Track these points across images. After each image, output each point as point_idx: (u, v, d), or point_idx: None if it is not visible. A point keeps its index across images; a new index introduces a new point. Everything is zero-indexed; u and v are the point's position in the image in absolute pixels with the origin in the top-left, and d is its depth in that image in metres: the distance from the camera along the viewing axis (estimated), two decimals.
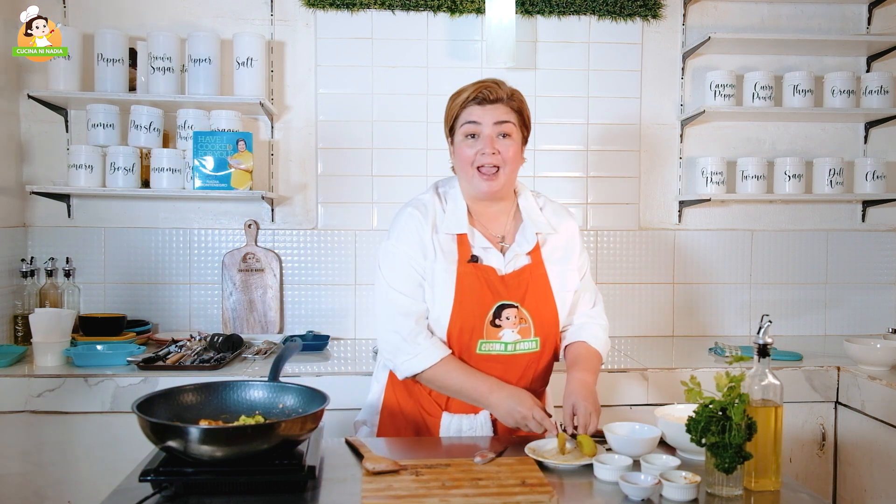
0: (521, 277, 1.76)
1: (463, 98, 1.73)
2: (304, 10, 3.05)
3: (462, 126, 1.73)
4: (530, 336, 1.74)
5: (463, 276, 1.72)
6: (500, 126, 1.72)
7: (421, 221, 1.76)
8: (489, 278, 1.73)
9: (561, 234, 1.84)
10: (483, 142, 1.71)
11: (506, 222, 1.82)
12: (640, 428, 1.66)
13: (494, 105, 1.71)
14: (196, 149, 2.78)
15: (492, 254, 1.76)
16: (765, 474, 1.48)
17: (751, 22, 3.20)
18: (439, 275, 1.73)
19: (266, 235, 3.09)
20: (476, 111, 1.71)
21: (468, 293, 1.71)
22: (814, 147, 3.25)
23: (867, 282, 3.28)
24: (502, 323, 1.72)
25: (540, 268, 1.78)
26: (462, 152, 1.74)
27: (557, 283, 1.79)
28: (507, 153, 1.73)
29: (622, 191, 3.20)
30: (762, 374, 1.51)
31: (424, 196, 1.83)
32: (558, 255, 1.82)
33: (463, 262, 1.73)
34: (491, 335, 1.72)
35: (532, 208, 1.85)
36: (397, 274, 1.76)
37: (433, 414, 1.79)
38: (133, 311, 3.00)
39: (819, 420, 2.60)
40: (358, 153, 3.09)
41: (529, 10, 3.09)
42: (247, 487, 1.38)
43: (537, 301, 1.76)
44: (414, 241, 1.75)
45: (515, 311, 1.73)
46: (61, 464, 2.38)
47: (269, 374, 1.69)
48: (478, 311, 1.71)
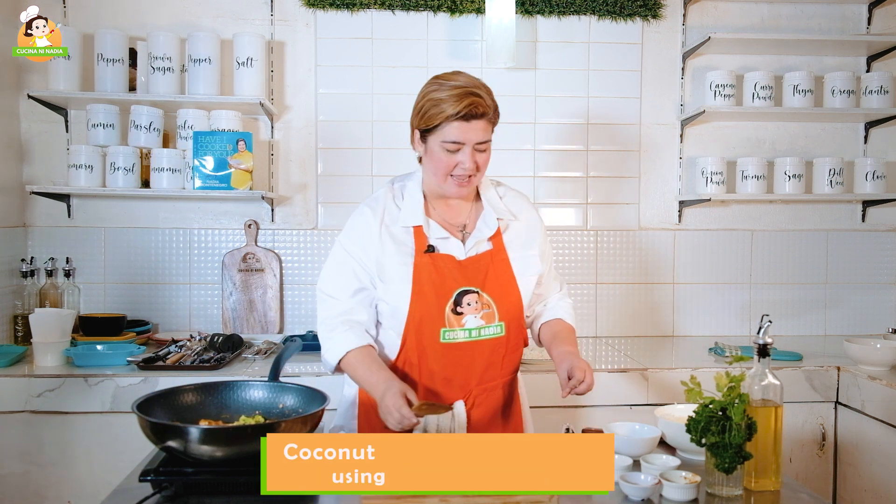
0: (480, 263, 1.76)
1: (449, 112, 1.66)
2: (304, 10, 3.05)
3: (443, 142, 1.70)
4: (494, 321, 1.75)
5: (420, 266, 1.73)
6: (480, 144, 1.71)
7: (369, 218, 1.78)
8: (447, 266, 1.74)
9: (522, 221, 1.86)
10: (464, 156, 1.69)
11: (466, 211, 1.84)
12: (640, 428, 1.67)
13: (479, 122, 1.68)
14: (196, 149, 2.78)
15: (450, 242, 1.77)
16: (765, 474, 1.48)
17: (751, 22, 3.20)
18: (392, 268, 1.74)
19: (266, 235, 3.09)
20: (459, 130, 1.67)
21: (426, 283, 1.72)
22: (814, 147, 3.25)
23: (867, 282, 3.28)
24: (464, 310, 1.72)
25: (501, 253, 1.79)
26: (439, 160, 1.71)
27: (520, 268, 1.80)
28: (483, 164, 1.74)
29: (622, 191, 3.20)
30: (762, 374, 1.51)
31: (378, 192, 1.87)
32: (520, 241, 1.83)
33: (420, 252, 1.74)
34: (453, 323, 1.72)
35: (492, 196, 1.86)
36: (332, 274, 1.81)
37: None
38: (133, 311, 3.00)
39: (819, 420, 2.60)
40: (358, 153, 3.09)
41: (529, 10, 3.09)
42: (247, 487, 1.38)
43: (500, 285, 1.77)
44: (360, 238, 1.77)
45: (476, 296, 1.74)
46: (61, 464, 2.38)
47: (269, 374, 1.69)
48: (436, 301, 1.72)
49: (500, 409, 1.81)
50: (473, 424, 1.75)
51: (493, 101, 1.72)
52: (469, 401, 1.74)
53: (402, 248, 1.75)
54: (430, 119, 1.71)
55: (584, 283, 3.18)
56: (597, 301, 3.19)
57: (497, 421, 1.79)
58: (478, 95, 1.67)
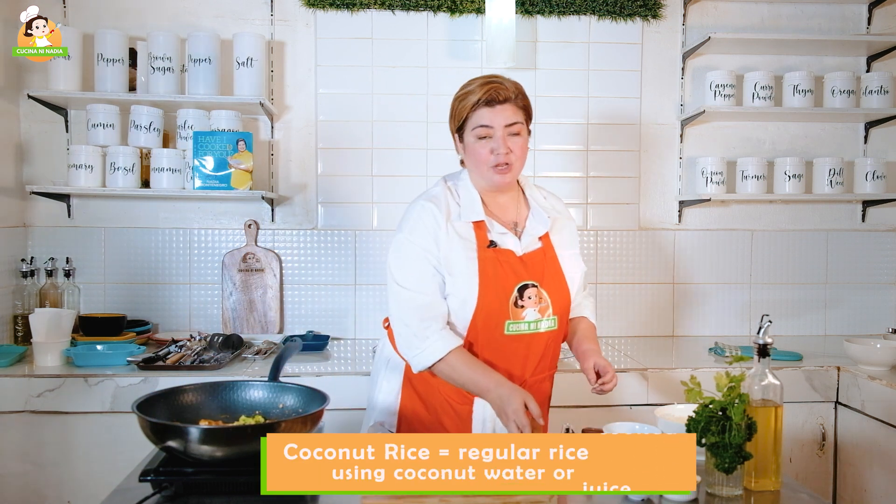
0: (536, 259, 1.83)
1: (472, 101, 1.76)
2: (304, 10, 3.05)
3: (474, 129, 1.78)
4: (549, 315, 1.81)
5: (484, 260, 1.77)
6: (510, 127, 1.77)
7: (435, 212, 1.79)
8: (509, 261, 1.79)
9: (563, 220, 1.94)
10: (496, 142, 1.76)
11: (516, 211, 1.89)
12: (640, 428, 1.66)
13: (504, 106, 1.76)
14: (196, 149, 2.78)
15: (508, 238, 1.82)
16: (765, 474, 1.48)
17: (751, 22, 3.20)
18: (459, 262, 1.77)
19: (266, 235, 3.09)
20: (486, 115, 1.76)
21: (491, 277, 1.76)
22: (814, 147, 3.25)
23: (867, 282, 3.28)
24: (525, 303, 1.78)
25: (551, 251, 1.86)
26: (476, 152, 1.79)
27: (567, 266, 1.88)
28: (518, 150, 1.79)
29: (622, 191, 3.20)
30: (762, 374, 1.51)
31: (435, 189, 1.88)
32: (565, 240, 1.91)
33: (482, 247, 1.79)
34: (516, 316, 1.77)
35: (538, 196, 1.94)
36: (406, 268, 1.79)
37: (464, 402, 1.81)
38: (133, 311, 3.00)
39: (819, 420, 2.60)
40: (358, 153, 3.10)
41: (529, 10, 3.09)
42: (247, 487, 1.38)
43: (554, 281, 1.83)
44: (428, 232, 1.78)
45: (536, 290, 1.80)
46: (61, 464, 2.38)
47: (269, 374, 1.69)
48: (502, 293, 1.76)
49: (547, 402, 1.90)
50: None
51: (517, 88, 1.80)
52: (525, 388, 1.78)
53: (466, 242, 1.79)
54: (460, 113, 1.80)
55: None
56: (597, 301, 3.19)
57: (544, 413, 1.86)
58: (498, 82, 1.77)
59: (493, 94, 1.75)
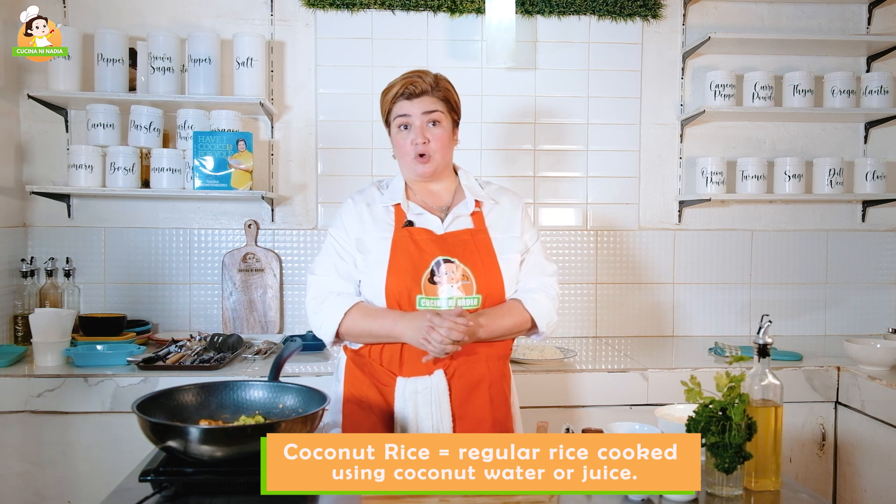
0: (459, 237, 1.85)
1: (392, 94, 1.86)
2: (304, 10, 3.05)
3: (395, 119, 1.87)
4: (472, 293, 1.81)
5: (398, 239, 1.84)
6: (428, 115, 1.85)
7: (351, 205, 1.93)
8: (423, 238, 1.84)
9: (503, 206, 1.95)
10: (414, 132, 1.85)
11: (448, 198, 1.94)
12: (640, 428, 1.66)
13: (421, 98, 1.84)
14: (196, 149, 2.78)
15: (427, 218, 1.88)
16: (765, 474, 1.48)
17: (751, 22, 3.20)
18: (372, 242, 1.86)
19: (266, 235, 3.09)
20: (405, 105, 1.85)
21: (402, 254, 1.82)
22: (814, 147, 3.25)
23: (867, 282, 3.28)
24: (440, 279, 1.79)
25: (482, 232, 1.88)
26: (398, 143, 1.89)
27: (500, 247, 1.88)
28: (437, 140, 1.86)
29: (622, 191, 3.20)
30: (762, 374, 1.51)
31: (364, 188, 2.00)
32: (502, 224, 1.92)
33: (399, 227, 1.86)
34: (429, 291, 1.79)
35: (472, 184, 1.97)
36: (319, 259, 1.93)
37: (388, 383, 1.82)
38: (133, 311, 3.00)
39: (819, 420, 2.60)
40: (358, 153, 3.10)
41: (529, 10, 3.09)
42: (247, 487, 1.38)
43: (479, 259, 1.83)
44: (343, 223, 1.90)
45: (454, 266, 1.81)
46: (61, 464, 2.38)
47: (269, 374, 1.69)
48: (413, 269, 1.80)
49: (486, 386, 1.83)
50: (455, 395, 1.80)
51: (437, 80, 1.87)
52: (449, 370, 1.79)
53: (381, 224, 1.88)
54: (384, 107, 1.90)
55: (583, 283, 3.19)
56: (597, 301, 3.19)
57: (482, 396, 1.82)
58: (417, 76, 1.86)
59: (411, 86, 1.83)
